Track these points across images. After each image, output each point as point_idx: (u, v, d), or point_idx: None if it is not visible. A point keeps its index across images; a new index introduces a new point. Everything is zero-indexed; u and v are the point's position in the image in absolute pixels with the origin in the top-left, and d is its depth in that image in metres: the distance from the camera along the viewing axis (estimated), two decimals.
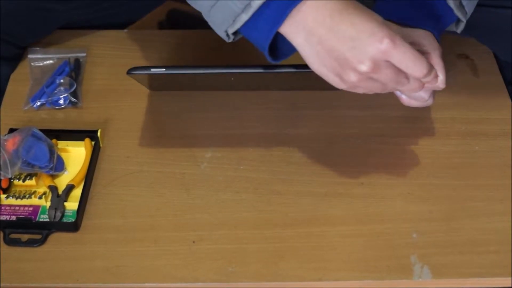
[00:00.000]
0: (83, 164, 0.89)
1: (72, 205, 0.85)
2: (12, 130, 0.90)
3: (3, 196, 0.86)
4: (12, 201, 0.86)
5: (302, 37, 0.72)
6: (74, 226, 0.84)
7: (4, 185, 0.86)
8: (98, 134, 0.91)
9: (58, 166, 0.88)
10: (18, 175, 0.87)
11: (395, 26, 0.80)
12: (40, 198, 0.86)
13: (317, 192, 0.87)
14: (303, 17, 0.72)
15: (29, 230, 0.83)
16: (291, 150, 0.92)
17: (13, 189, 0.87)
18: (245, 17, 0.73)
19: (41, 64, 1.02)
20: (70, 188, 0.87)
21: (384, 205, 0.86)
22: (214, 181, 0.88)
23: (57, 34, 1.06)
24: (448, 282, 0.80)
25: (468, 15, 0.83)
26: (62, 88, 0.98)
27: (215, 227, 0.84)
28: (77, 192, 0.87)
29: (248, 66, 0.87)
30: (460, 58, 1.02)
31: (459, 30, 0.85)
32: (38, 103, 0.97)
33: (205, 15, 0.77)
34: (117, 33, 1.08)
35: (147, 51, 1.04)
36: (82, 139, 0.91)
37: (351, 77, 0.72)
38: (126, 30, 1.10)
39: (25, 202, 0.86)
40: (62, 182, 0.88)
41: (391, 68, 0.72)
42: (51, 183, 0.87)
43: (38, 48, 1.03)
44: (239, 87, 0.97)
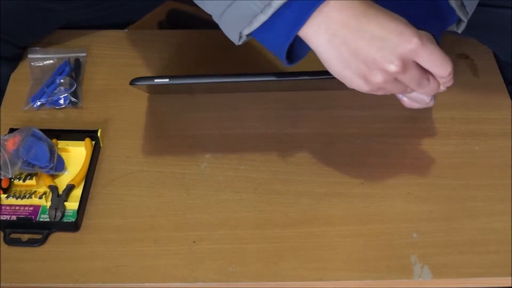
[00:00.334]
0: (83, 164, 0.89)
1: (72, 205, 0.85)
2: (12, 130, 0.91)
3: (4, 196, 0.86)
4: (12, 201, 0.86)
5: (324, 39, 0.71)
6: (75, 226, 0.84)
7: (4, 185, 0.86)
8: (98, 134, 0.91)
9: (58, 166, 0.88)
10: (18, 175, 0.87)
11: None
12: (40, 198, 0.86)
13: (317, 192, 0.87)
14: (326, 18, 0.70)
15: (29, 230, 0.83)
16: (291, 150, 0.92)
17: (13, 189, 0.87)
18: (263, 17, 0.71)
19: (41, 64, 1.02)
20: (70, 188, 0.87)
21: (384, 205, 0.86)
22: (214, 181, 0.88)
23: (57, 34, 1.06)
24: (448, 282, 0.80)
25: (469, 15, 0.83)
26: (62, 88, 0.98)
27: (215, 227, 0.84)
28: (77, 192, 0.87)
29: (259, 74, 0.85)
30: (460, 58, 1.02)
31: (460, 30, 0.85)
32: (38, 103, 0.97)
33: (216, 17, 0.74)
34: (117, 33, 1.08)
35: (147, 51, 1.05)
36: (82, 139, 0.91)
37: (378, 78, 0.72)
38: (126, 30, 1.10)
39: (25, 202, 0.86)
40: (63, 182, 0.88)
41: (417, 69, 0.73)
42: (52, 183, 0.87)
43: (38, 48, 1.03)
44: (241, 91, 0.97)
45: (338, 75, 0.74)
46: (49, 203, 0.86)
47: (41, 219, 0.85)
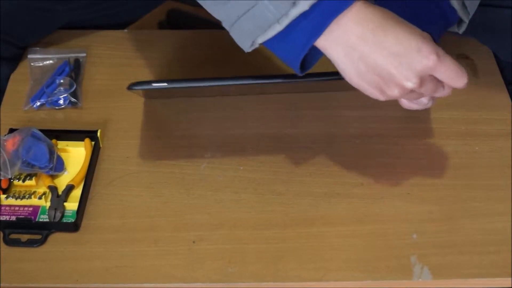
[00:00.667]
0: (83, 164, 0.89)
1: (72, 205, 0.85)
2: (12, 130, 0.91)
3: (3, 196, 0.86)
4: (12, 201, 0.86)
5: (341, 52, 0.70)
6: (74, 226, 0.84)
7: (4, 185, 0.86)
8: (98, 134, 0.91)
9: (58, 166, 0.88)
10: (18, 175, 0.87)
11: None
12: (40, 198, 0.86)
13: (317, 192, 0.87)
14: (344, 31, 0.69)
15: (29, 230, 0.83)
16: (291, 150, 0.92)
17: (13, 189, 0.87)
18: (279, 27, 0.69)
19: (41, 64, 1.02)
20: (70, 188, 0.87)
21: (384, 205, 0.86)
22: (214, 181, 0.88)
23: (57, 34, 1.06)
24: (448, 282, 0.80)
25: (470, 16, 0.83)
26: (62, 88, 0.98)
27: (215, 227, 0.84)
28: (77, 192, 0.87)
29: (261, 77, 0.85)
30: (460, 58, 1.02)
31: (461, 30, 0.85)
32: (38, 103, 0.97)
33: (228, 23, 0.72)
34: (117, 33, 1.08)
35: (147, 51, 1.04)
36: (82, 139, 0.91)
37: (395, 92, 0.72)
38: (126, 30, 1.10)
39: (25, 202, 0.86)
40: (62, 182, 0.88)
41: (433, 81, 0.73)
42: (51, 183, 0.87)
43: (38, 48, 1.03)
44: (240, 93, 0.96)
45: (353, 84, 0.73)
46: (48, 204, 0.86)
47: (40, 220, 0.85)
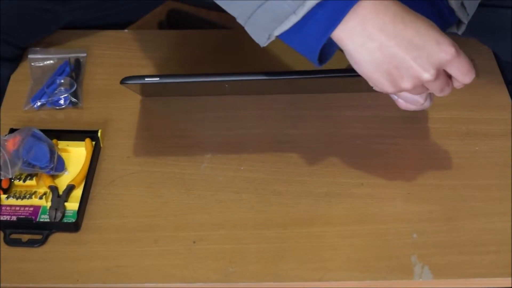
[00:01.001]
0: (84, 164, 0.89)
1: (72, 205, 0.85)
2: (12, 130, 0.91)
3: (4, 196, 0.86)
4: (12, 201, 0.86)
5: (358, 42, 0.69)
6: (75, 226, 0.84)
7: (4, 185, 0.86)
8: (99, 134, 0.91)
9: (59, 166, 0.88)
10: (18, 175, 0.87)
11: None
12: (40, 198, 0.86)
13: (317, 192, 0.87)
14: (361, 21, 0.68)
15: (29, 230, 0.83)
16: (291, 150, 0.92)
17: (13, 189, 0.87)
18: (295, 18, 0.68)
19: (41, 64, 1.02)
20: (70, 188, 0.87)
21: (384, 205, 0.86)
22: (214, 181, 0.88)
23: (57, 34, 1.06)
24: (448, 282, 0.80)
25: (469, 17, 0.83)
26: (62, 88, 0.98)
27: (215, 227, 0.84)
28: (77, 192, 0.87)
29: (254, 73, 0.83)
30: None
31: (461, 32, 0.85)
32: (39, 103, 0.97)
33: (243, 18, 0.71)
34: (117, 33, 1.08)
35: (147, 51, 1.04)
36: (83, 139, 0.91)
37: (408, 84, 0.71)
38: (126, 30, 1.10)
39: (25, 202, 0.86)
40: (63, 182, 0.88)
41: (445, 76, 0.73)
42: (52, 183, 0.87)
43: (38, 48, 1.03)
44: (236, 93, 0.96)
45: (365, 75, 0.73)
46: (49, 204, 0.86)
47: (41, 220, 0.85)
